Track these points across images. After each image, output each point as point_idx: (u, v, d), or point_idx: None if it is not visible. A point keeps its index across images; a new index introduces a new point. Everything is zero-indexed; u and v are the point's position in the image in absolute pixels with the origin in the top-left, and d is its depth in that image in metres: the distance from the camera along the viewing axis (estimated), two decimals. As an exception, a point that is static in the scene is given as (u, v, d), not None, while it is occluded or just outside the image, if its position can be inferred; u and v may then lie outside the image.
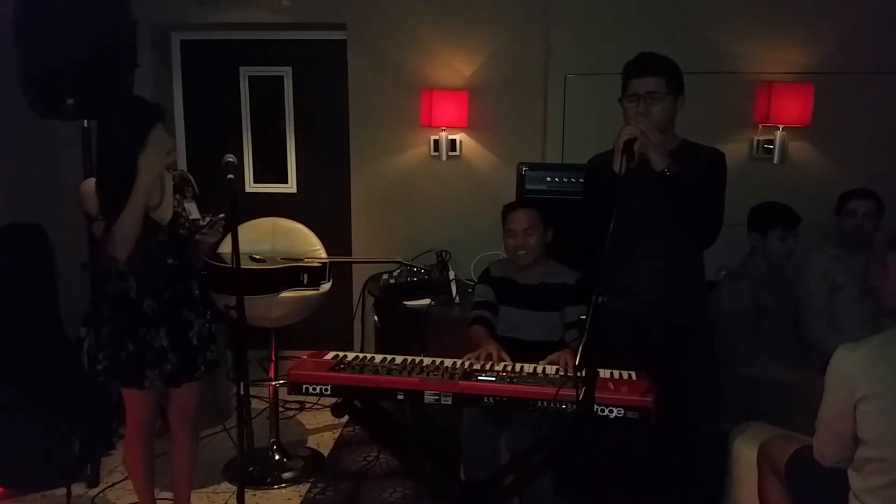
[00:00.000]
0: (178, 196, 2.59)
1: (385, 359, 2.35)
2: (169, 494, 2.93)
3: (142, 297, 2.49)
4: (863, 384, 1.85)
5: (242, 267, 2.40)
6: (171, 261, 2.53)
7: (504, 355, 2.47)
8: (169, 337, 2.53)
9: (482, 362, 2.41)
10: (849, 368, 1.89)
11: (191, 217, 2.59)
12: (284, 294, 3.15)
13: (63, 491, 3.11)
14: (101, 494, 3.17)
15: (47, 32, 3.03)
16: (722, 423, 2.83)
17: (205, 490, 3.22)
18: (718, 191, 2.46)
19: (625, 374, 2.25)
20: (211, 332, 2.67)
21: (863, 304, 3.02)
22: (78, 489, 3.16)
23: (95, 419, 3.33)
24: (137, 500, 2.87)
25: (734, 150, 3.83)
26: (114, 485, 3.23)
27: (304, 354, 2.43)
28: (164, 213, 2.54)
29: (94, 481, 3.23)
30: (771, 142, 3.84)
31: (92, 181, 2.45)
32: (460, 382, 2.16)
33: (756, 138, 3.88)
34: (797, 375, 2.75)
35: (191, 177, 2.68)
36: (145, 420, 2.63)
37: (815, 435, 2.04)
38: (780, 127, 3.78)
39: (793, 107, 3.67)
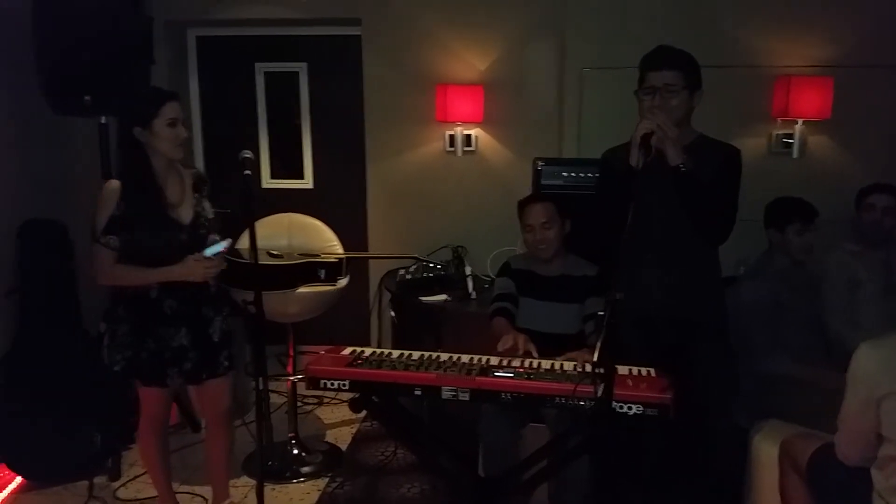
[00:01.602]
0: (196, 195, 2.59)
1: (402, 354, 2.35)
2: (187, 487, 2.97)
3: (162, 297, 2.50)
4: (886, 382, 1.83)
5: (260, 262, 2.41)
6: None
7: (531, 347, 2.47)
8: (189, 335, 2.54)
9: (520, 352, 2.41)
10: (871, 366, 1.87)
11: (208, 216, 2.60)
12: (302, 289, 3.16)
13: (85, 483, 3.15)
14: (122, 487, 3.20)
15: (65, 29, 3.05)
16: (742, 420, 2.82)
17: (223, 484, 3.24)
18: (732, 189, 2.44)
19: (643, 371, 2.24)
20: (229, 327, 2.68)
21: (884, 301, 2.99)
22: (100, 482, 3.20)
23: (116, 413, 3.36)
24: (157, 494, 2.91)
25: (753, 145, 3.80)
26: (135, 478, 3.26)
27: (321, 350, 2.44)
28: (185, 213, 2.54)
29: (115, 474, 3.27)
30: (790, 136, 3.79)
31: (116, 184, 2.45)
32: (477, 378, 2.16)
33: (775, 132, 3.83)
34: (817, 373, 2.72)
35: (205, 174, 2.67)
36: (159, 413, 2.67)
37: (838, 433, 2.02)
38: (800, 121, 3.73)
39: (812, 100, 3.62)
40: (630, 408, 2.04)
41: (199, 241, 2.53)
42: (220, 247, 2.48)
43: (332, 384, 2.22)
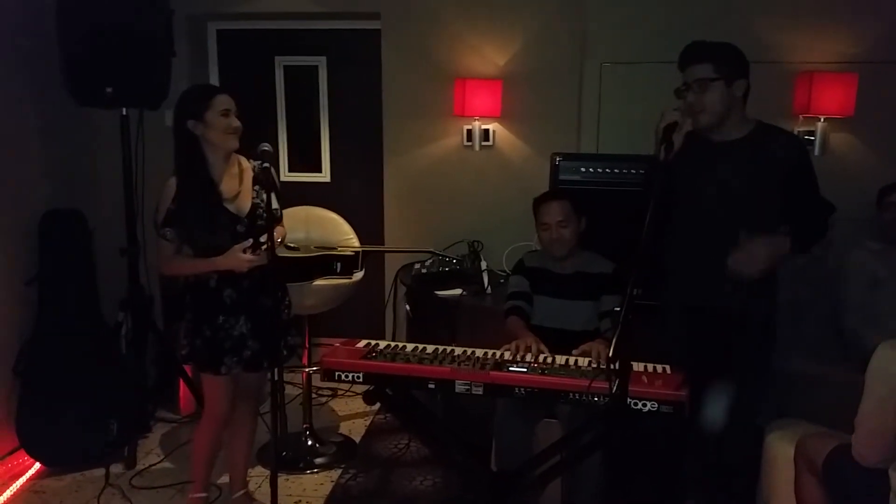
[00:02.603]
0: (256, 187, 2.60)
1: (416, 348, 2.36)
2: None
3: (221, 286, 2.53)
4: (905, 382, 1.81)
5: (277, 255, 2.42)
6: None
7: (543, 347, 2.46)
8: (249, 324, 2.56)
9: (521, 353, 2.39)
10: (891, 366, 1.85)
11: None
12: (318, 282, 3.18)
13: (102, 471, 3.19)
14: (137, 476, 3.23)
15: (87, 22, 3.09)
16: (757, 418, 2.79)
17: (238, 474, 3.27)
18: (811, 187, 2.42)
19: (658, 368, 2.23)
20: (290, 316, 2.71)
21: (905, 300, 2.95)
22: (116, 470, 3.24)
23: (132, 403, 3.40)
24: (175, 482, 2.94)
25: (773, 142, 3.75)
26: (150, 467, 3.30)
27: (336, 342, 2.45)
28: (243, 205, 2.55)
29: (131, 463, 3.30)
30: (812, 133, 3.75)
31: (174, 179, 2.49)
32: (491, 373, 2.16)
33: (797, 129, 3.79)
34: (834, 371, 2.69)
35: (272, 167, 2.54)
36: (223, 410, 2.65)
37: (855, 433, 2.00)
38: (822, 118, 3.69)
39: (835, 97, 3.57)
40: (645, 405, 2.03)
41: (256, 231, 2.54)
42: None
43: (347, 376, 2.23)
